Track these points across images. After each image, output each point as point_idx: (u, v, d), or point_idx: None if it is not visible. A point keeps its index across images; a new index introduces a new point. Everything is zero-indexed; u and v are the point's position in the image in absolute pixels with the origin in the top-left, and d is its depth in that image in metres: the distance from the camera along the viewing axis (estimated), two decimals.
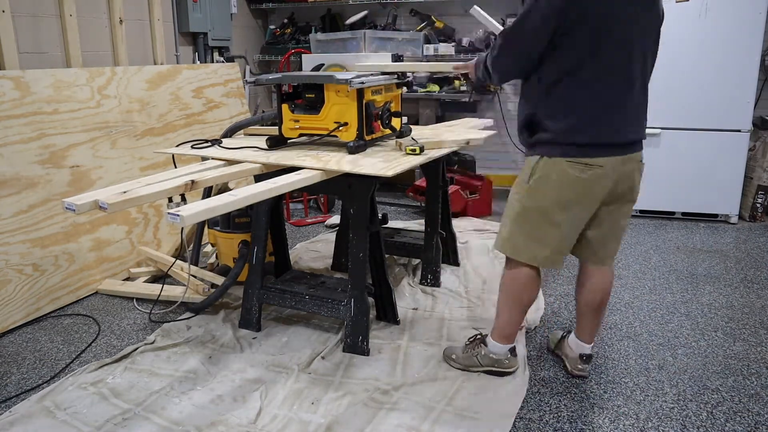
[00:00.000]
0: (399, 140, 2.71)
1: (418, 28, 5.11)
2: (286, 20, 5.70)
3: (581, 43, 1.90)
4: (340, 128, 2.61)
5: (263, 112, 5.47)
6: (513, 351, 2.34)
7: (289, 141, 2.82)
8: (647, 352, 2.57)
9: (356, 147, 2.57)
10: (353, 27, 5.20)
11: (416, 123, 4.82)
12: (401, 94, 2.96)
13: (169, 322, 2.83)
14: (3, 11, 3.11)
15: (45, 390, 2.27)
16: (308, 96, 2.71)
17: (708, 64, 4.18)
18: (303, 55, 3.00)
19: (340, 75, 2.57)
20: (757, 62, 4.10)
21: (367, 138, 2.64)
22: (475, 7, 2.50)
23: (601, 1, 1.87)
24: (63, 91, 3.25)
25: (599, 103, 1.96)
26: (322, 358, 2.48)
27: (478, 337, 2.42)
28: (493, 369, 2.33)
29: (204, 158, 2.64)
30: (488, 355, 2.33)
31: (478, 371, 2.35)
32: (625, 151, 2.03)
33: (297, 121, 2.71)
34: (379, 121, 2.70)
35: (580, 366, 2.35)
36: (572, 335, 2.41)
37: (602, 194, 2.05)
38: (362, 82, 2.51)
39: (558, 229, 2.08)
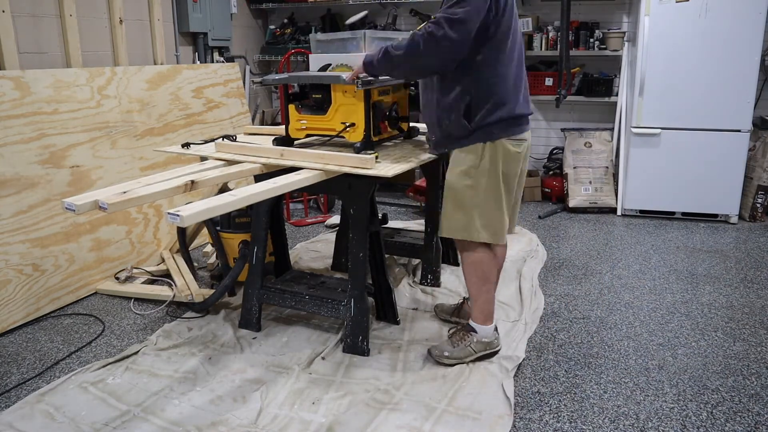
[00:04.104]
0: None
1: (418, 28, 5.10)
2: (286, 20, 5.70)
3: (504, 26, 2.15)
4: (348, 129, 2.60)
5: (263, 112, 5.47)
6: (496, 329, 2.46)
7: (296, 142, 2.82)
8: (647, 352, 2.57)
9: (363, 148, 2.56)
10: (353, 27, 5.18)
11: (416, 122, 4.81)
12: (409, 94, 2.96)
13: (170, 322, 2.83)
14: (3, 11, 3.11)
15: (44, 390, 2.27)
16: (315, 96, 2.70)
17: (708, 64, 4.18)
18: (310, 56, 2.99)
19: (348, 75, 2.57)
20: (757, 62, 4.10)
21: (375, 139, 2.64)
22: None
23: None
24: (63, 91, 3.25)
25: (515, 81, 2.21)
26: (323, 358, 2.48)
27: (459, 328, 2.48)
28: (486, 352, 2.42)
29: (204, 158, 2.64)
30: (480, 341, 2.41)
31: (473, 359, 2.40)
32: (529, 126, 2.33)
33: (304, 121, 2.71)
34: (386, 122, 2.70)
35: None
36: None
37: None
38: (369, 83, 2.50)
39: (505, 204, 2.29)
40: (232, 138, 2.76)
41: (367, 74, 2.37)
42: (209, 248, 3.55)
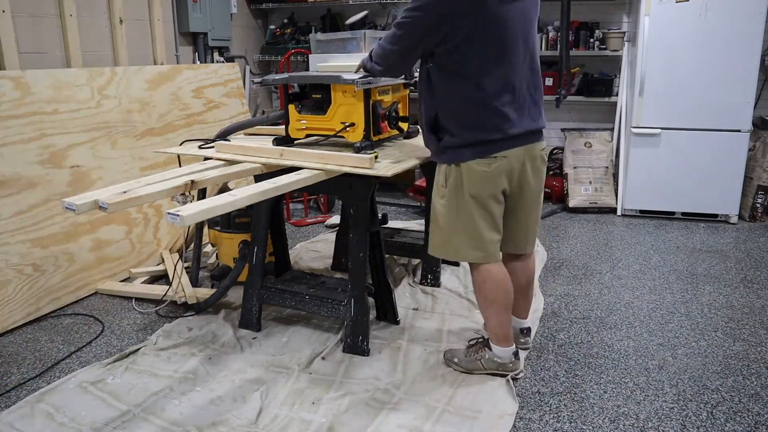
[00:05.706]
0: None
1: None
2: (286, 20, 5.70)
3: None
4: (347, 129, 2.60)
5: (263, 112, 5.47)
6: (516, 354, 2.33)
7: (296, 141, 2.82)
8: (647, 352, 2.57)
9: (363, 148, 2.56)
10: (353, 27, 5.19)
11: (416, 123, 4.82)
12: (409, 94, 2.96)
13: (170, 322, 2.83)
14: (3, 11, 3.11)
15: (44, 390, 2.27)
16: (315, 96, 2.70)
17: (708, 64, 4.18)
18: (310, 56, 3.00)
19: (347, 75, 2.57)
20: (757, 62, 4.10)
21: (374, 138, 2.64)
22: None
23: None
24: (63, 91, 3.25)
25: (494, 101, 2.04)
26: (323, 358, 2.48)
27: (480, 340, 2.40)
28: (497, 372, 2.32)
29: (206, 158, 2.64)
30: (492, 359, 2.31)
31: (480, 374, 2.34)
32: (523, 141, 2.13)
33: (304, 121, 2.71)
34: (386, 122, 2.70)
35: (522, 339, 2.52)
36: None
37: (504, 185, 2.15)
38: (369, 83, 2.50)
39: (486, 225, 2.15)
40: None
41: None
42: (209, 248, 3.56)
